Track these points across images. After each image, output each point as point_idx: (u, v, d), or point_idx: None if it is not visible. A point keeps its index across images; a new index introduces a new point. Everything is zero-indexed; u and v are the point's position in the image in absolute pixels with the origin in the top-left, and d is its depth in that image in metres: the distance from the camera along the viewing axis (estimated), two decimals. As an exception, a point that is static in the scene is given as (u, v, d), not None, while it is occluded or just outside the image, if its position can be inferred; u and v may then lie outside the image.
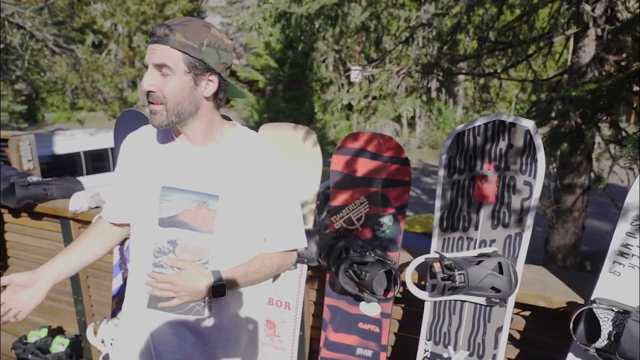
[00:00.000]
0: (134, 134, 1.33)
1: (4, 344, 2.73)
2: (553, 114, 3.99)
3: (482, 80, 6.10)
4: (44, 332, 2.56)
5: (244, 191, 1.22)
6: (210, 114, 1.20)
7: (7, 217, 2.67)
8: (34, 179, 2.45)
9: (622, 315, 1.25)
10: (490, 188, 1.50)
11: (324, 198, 2.27)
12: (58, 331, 2.67)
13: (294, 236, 1.33)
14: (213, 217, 1.19)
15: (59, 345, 2.50)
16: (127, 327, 1.31)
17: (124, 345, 1.31)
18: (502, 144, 1.47)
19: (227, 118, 1.37)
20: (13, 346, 2.51)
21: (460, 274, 1.42)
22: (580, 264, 5.20)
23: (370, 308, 1.70)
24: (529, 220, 1.45)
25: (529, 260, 1.51)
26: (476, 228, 1.52)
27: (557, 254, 4.87)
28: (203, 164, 1.22)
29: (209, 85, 1.16)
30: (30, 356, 2.45)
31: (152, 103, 1.13)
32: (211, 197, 1.19)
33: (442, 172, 1.58)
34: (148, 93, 1.12)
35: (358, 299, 1.70)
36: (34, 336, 2.54)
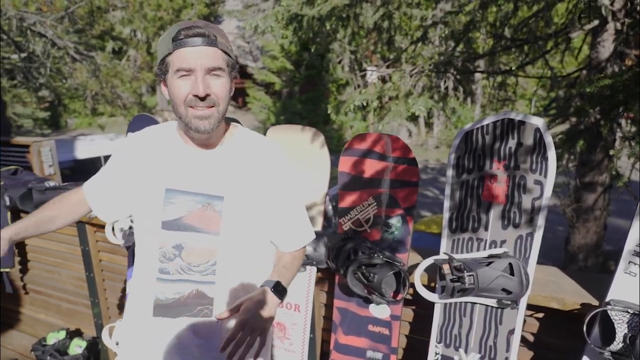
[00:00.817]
0: (136, 135, 1.31)
1: (23, 345, 2.79)
2: (571, 111, 3.90)
3: (499, 78, 6.01)
4: (62, 334, 2.61)
5: (249, 192, 1.22)
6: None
7: (27, 221, 2.73)
8: (51, 184, 2.50)
9: (638, 317, 1.21)
10: (500, 187, 1.47)
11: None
12: (76, 333, 2.72)
13: (305, 234, 1.34)
14: (219, 219, 1.19)
15: (77, 347, 2.54)
16: (133, 335, 1.30)
17: (131, 354, 1.31)
18: (512, 143, 1.44)
19: (234, 120, 1.38)
20: (32, 348, 2.57)
21: (469, 276, 1.39)
22: (603, 264, 5.06)
23: (379, 310, 1.68)
24: (540, 220, 1.41)
25: (550, 260, 1.48)
26: (486, 228, 1.50)
27: (578, 254, 4.75)
28: (207, 166, 1.22)
29: (233, 85, 1.19)
30: (48, 358, 2.50)
31: (203, 107, 1.11)
32: (216, 198, 1.19)
33: (450, 172, 1.56)
34: (203, 97, 1.10)
35: (367, 301, 1.69)
36: (52, 338, 2.60)
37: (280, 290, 1.17)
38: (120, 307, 2.49)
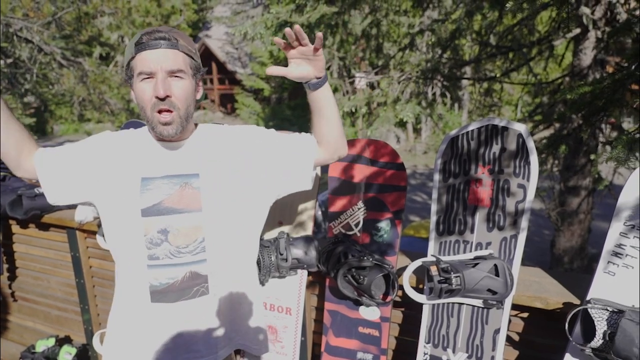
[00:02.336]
0: (114, 134, 1.31)
1: (11, 353, 2.77)
2: (555, 117, 4.00)
3: (484, 85, 6.12)
4: (51, 342, 2.60)
5: (222, 164, 1.26)
6: (192, 116, 1.25)
7: (15, 228, 2.72)
8: (41, 190, 2.50)
9: (617, 314, 1.26)
10: (485, 191, 1.52)
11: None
12: (65, 340, 2.71)
13: (305, 137, 1.37)
14: (198, 195, 1.22)
15: (67, 354, 2.53)
16: (130, 324, 1.30)
17: (129, 344, 1.31)
18: (496, 148, 1.49)
19: None
20: (21, 355, 2.55)
21: (456, 277, 1.44)
22: (588, 266, 5.16)
23: (369, 312, 1.72)
24: (524, 223, 1.46)
25: (537, 263, 1.53)
26: (472, 231, 1.54)
27: (563, 256, 4.84)
28: (179, 152, 1.25)
29: (199, 88, 1.23)
30: (38, 365, 2.48)
31: (164, 111, 1.14)
32: (192, 176, 1.22)
33: (437, 177, 1.60)
34: (162, 99, 1.12)
35: (357, 303, 1.72)
36: (41, 345, 2.58)
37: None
38: (111, 313, 2.49)
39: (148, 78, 1.13)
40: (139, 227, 1.20)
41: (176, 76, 1.14)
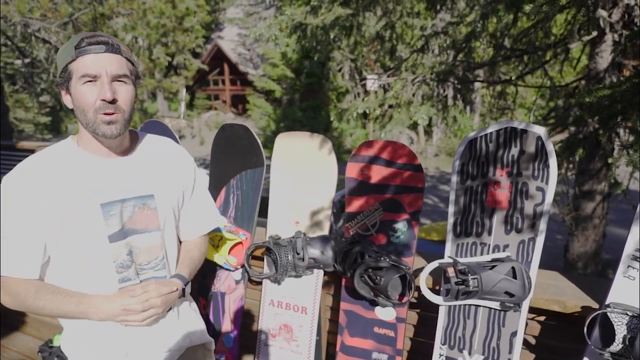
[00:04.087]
0: (33, 171, 1.16)
1: (29, 347, 2.82)
2: (570, 120, 3.96)
3: (498, 88, 6.09)
4: (68, 336, 2.63)
5: (170, 185, 1.31)
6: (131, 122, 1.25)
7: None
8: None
9: (637, 319, 1.26)
10: (503, 194, 1.52)
11: (340, 207, 2.30)
12: (82, 335, 2.75)
13: (212, 217, 1.47)
14: (156, 215, 1.25)
15: (83, 349, 2.57)
16: (106, 349, 1.25)
17: None
18: (514, 150, 1.50)
19: (242, 126, 1.44)
20: (39, 349, 2.59)
21: (473, 279, 1.44)
22: (602, 272, 5.10)
23: (385, 312, 1.73)
24: (542, 225, 1.46)
25: (550, 268, 1.52)
26: (489, 233, 1.54)
27: (577, 261, 4.79)
28: (130, 171, 1.24)
29: (136, 94, 1.22)
30: (56, 359, 2.52)
31: (111, 113, 1.13)
32: (148, 197, 1.24)
33: (455, 179, 1.61)
34: (110, 103, 1.11)
35: (373, 303, 1.73)
36: (59, 339, 2.62)
37: (185, 287, 1.31)
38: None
39: (91, 81, 1.11)
40: (108, 254, 1.18)
41: (120, 80, 1.14)
